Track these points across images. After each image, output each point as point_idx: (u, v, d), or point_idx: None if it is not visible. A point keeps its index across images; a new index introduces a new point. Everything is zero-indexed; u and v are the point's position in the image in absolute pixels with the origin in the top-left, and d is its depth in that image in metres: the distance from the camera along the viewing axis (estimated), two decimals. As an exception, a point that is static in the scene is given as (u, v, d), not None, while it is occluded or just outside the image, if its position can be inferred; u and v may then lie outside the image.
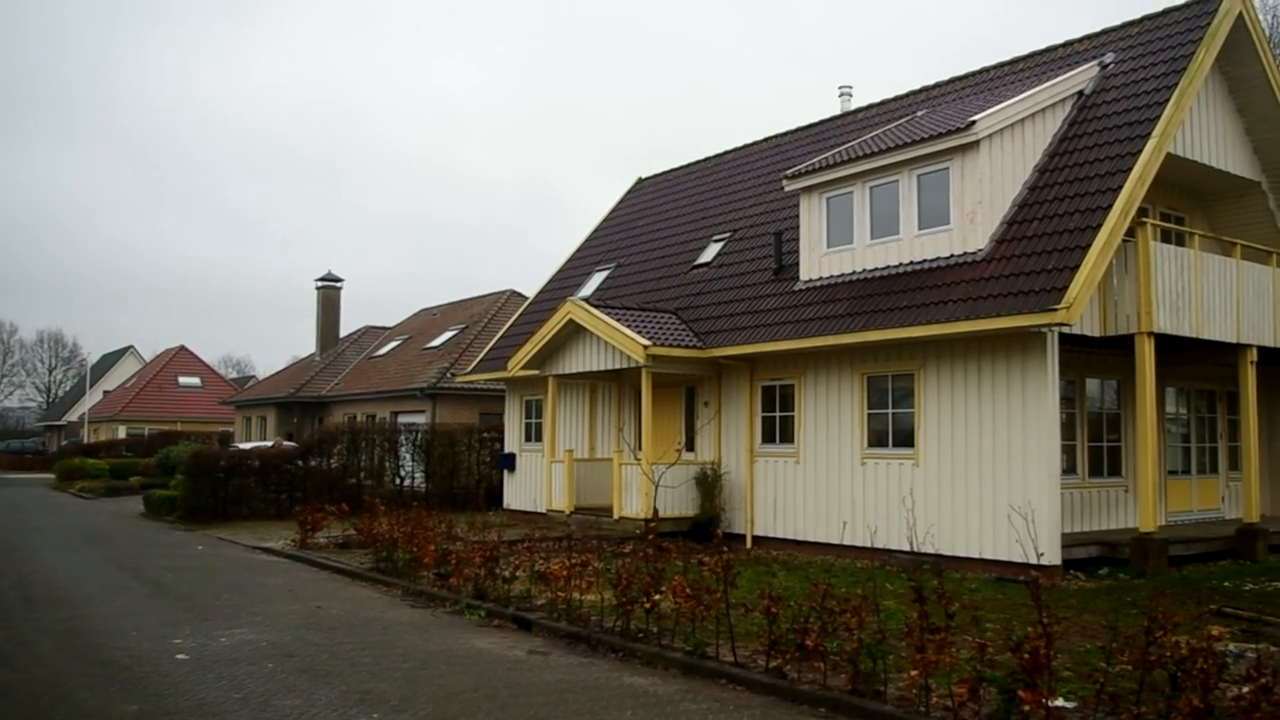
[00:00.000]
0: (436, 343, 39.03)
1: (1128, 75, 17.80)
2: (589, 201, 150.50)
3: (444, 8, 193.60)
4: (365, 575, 15.93)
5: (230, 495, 26.35)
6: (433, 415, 33.56)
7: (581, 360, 21.35)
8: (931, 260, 16.88)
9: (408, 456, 29.74)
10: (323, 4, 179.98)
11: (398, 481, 29.27)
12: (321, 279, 46.74)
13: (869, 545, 16.04)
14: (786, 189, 20.01)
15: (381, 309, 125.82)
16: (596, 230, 30.26)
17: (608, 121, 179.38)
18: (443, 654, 10.23)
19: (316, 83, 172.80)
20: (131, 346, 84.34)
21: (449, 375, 33.52)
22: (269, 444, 32.87)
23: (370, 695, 8.49)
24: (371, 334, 48.26)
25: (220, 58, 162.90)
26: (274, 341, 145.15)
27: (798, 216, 19.88)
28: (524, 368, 22.65)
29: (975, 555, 15.43)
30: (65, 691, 8.67)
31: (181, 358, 69.71)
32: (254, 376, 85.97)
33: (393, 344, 43.39)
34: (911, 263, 17.22)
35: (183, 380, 67.01)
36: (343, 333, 48.42)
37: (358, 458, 29.16)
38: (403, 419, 33.56)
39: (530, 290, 31.43)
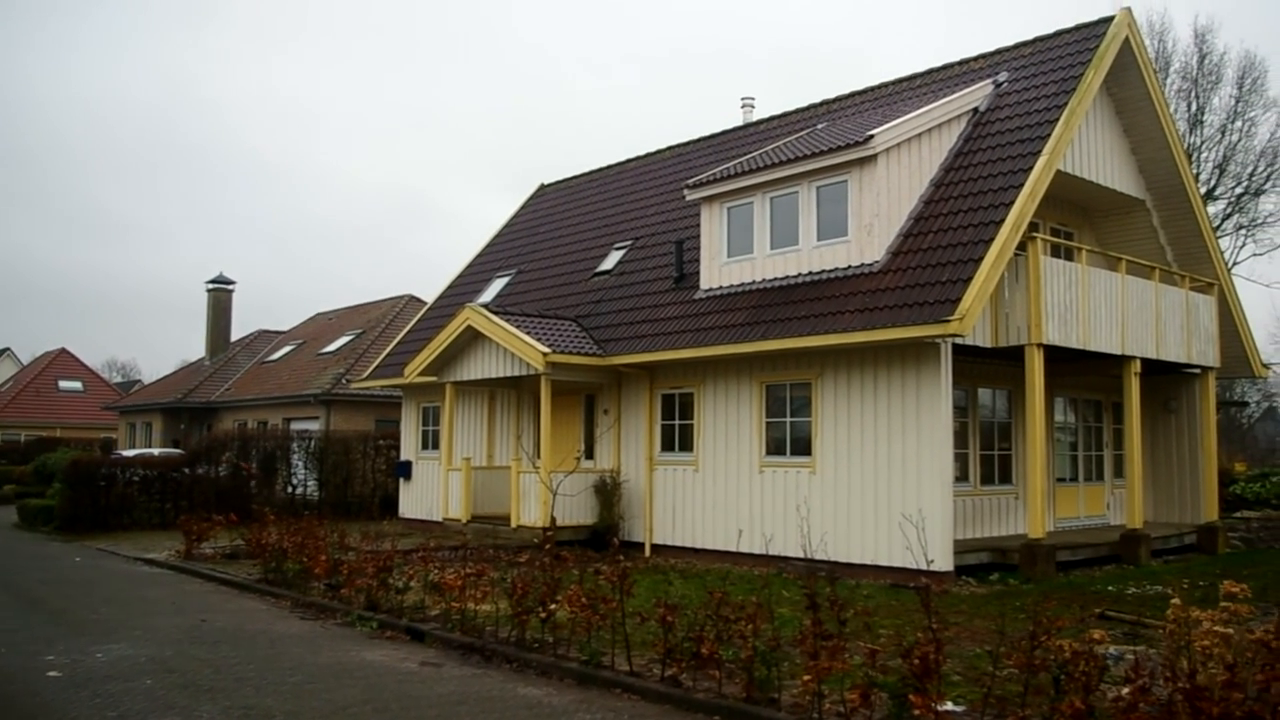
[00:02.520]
0: (332, 348, 38.25)
1: (1020, 94, 18.29)
2: (456, 205, 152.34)
3: (286, 6, 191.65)
4: (253, 587, 15.47)
5: (112, 504, 25.34)
6: (327, 422, 32.84)
7: (480, 367, 21.10)
8: (830, 271, 17.08)
9: (300, 464, 29.03)
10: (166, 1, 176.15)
11: (290, 490, 28.53)
12: (212, 281, 45.49)
13: (765, 553, 16.15)
14: (688, 198, 20.08)
15: (257, 311, 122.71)
16: (497, 236, 29.99)
17: (469, 124, 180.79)
18: (332, 667, 9.95)
19: (165, 80, 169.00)
20: (8, 349, 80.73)
21: (344, 381, 32.88)
22: (155, 451, 31.80)
23: (254, 711, 8.19)
24: (264, 338, 47.07)
25: (65, 54, 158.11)
26: (162, 345, 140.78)
27: (699, 226, 19.95)
28: (421, 374, 22.28)
29: (870, 562, 15.62)
30: (-78, 712, 8.19)
31: (62, 360, 66.88)
32: (140, 381, 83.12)
33: (286, 349, 42.40)
34: (810, 273, 17.40)
35: (63, 384, 64.25)
36: (234, 336, 47.15)
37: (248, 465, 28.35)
38: (296, 425, 32.79)
39: (426, 294, 31.04)
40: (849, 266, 16.83)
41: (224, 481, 26.97)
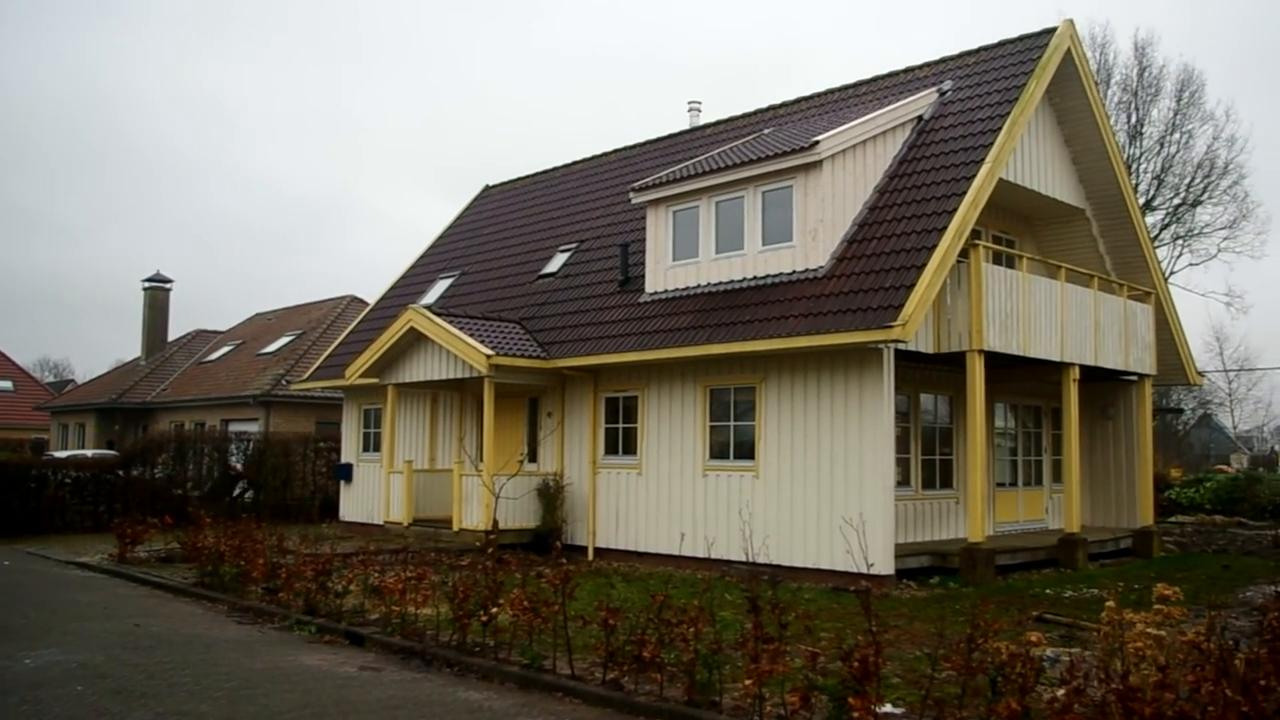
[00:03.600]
0: (271, 348, 37.72)
1: (964, 103, 18.50)
2: (385, 208, 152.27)
3: (208, 4, 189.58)
4: (189, 591, 15.17)
5: (43, 507, 24.74)
6: (266, 424, 32.38)
7: (422, 369, 20.91)
8: (774, 276, 17.15)
9: (239, 467, 28.56)
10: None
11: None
12: (149, 279, 44.59)
13: (708, 556, 16.17)
14: (634, 201, 20.06)
15: (189, 311, 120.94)
16: (441, 237, 29.78)
17: (396, 126, 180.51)
18: (268, 672, 9.77)
19: (84, 76, 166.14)
20: (-65, 347, 78.65)
21: (284, 382, 32.44)
22: (88, 452, 31.12)
23: (188, 717, 8.02)
24: (202, 338, 46.29)
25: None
26: (96, 345, 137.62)
27: (644, 229, 19.94)
28: (363, 376, 22.02)
29: (812, 565, 15.69)
30: None
31: (-9, 359, 65.31)
32: (73, 381, 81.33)
33: (225, 349, 41.75)
34: (755, 278, 17.46)
35: (-8, 384, 62.74)
36: (170, 337, 46.28)
37: (184, 467, 27.85)
38: (234, 427, 32.22)
39: (364, 295, 30.71)
40: (794, 271, 16.91)
41: (159, 484, 26.49)
